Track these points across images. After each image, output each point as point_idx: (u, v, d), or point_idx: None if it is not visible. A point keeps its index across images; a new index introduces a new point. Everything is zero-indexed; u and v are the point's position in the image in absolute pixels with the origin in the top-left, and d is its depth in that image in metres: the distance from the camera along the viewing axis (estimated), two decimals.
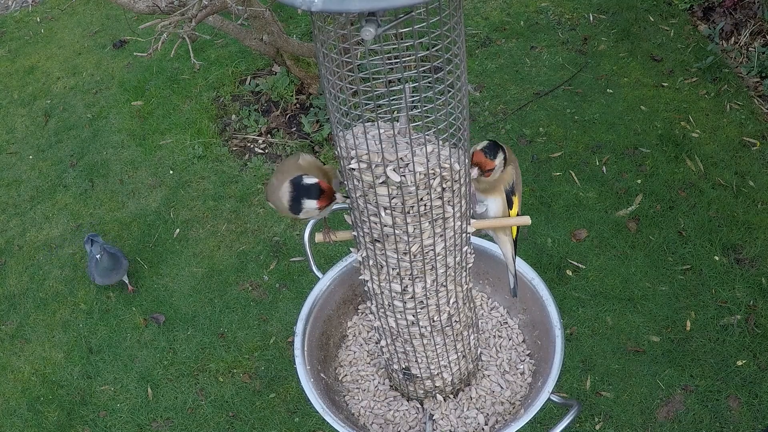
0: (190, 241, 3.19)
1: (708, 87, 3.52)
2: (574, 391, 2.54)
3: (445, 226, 1.12)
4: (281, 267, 3.02)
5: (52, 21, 4.69)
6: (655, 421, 2.45)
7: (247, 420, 2.61)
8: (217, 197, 3.35)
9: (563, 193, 3.13)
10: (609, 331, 2.68)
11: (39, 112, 4.01)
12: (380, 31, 0.85)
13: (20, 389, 2.82)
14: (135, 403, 2.71)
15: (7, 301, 3.12)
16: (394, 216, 1.09)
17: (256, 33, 3.29)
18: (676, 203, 3.04)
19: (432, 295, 1.20)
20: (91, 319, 2.98)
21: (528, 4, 4.15)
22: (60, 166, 3.66)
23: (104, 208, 3.41)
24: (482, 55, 3.85)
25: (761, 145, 3.23)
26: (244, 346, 2.80)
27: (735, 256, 2.84)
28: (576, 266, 2.87)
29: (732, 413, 2.44)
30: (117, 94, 4.01)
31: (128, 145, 3.70)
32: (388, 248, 1.13)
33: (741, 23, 3.75)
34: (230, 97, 3.83)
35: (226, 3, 2.57)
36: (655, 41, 3.81)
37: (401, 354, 1.32)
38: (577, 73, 3.68)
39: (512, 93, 3.62)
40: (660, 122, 3.38)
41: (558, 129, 3.41)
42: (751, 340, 2.60)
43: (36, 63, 4.36)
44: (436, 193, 1.07)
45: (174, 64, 4.06)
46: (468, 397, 1.40)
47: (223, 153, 3.55)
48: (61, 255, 3.24)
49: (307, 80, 3.68)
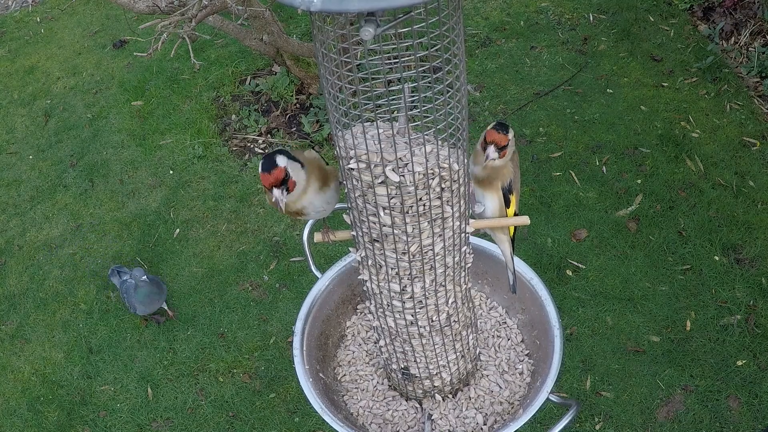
0: (190, 241, 3.19)
1: (708, 87, 3.52)
2: (574, 391, 2.54)
3: (444, 226, 1.12)
4: (281, 267, 3.02)
5: (52, 21, 4.69)
6: (655, 421, 2.45)
7: (247, 420, 2.61)
8: (217, 197, 3.35)
9: (563, 193, 3.13)
10: (609, 331, 2.68)
11: (39, 112, 4.01)
12: (379, 31, 0.85)
13: (20, 389, 2.82)
14: (135, 403, 2.71)
15: (7, 301, 3.12)
16: (393, 216, 1.09)
17: (256, 33, 3.29)
18: (676, 203, 3.04)
19: (431, 295, 1.20)
20: (91, 319, 2.98)
21: (528, 4, 4.15)
22: (60, 166, 3.66)
23: (104, 208, 3.41)
24: (482, 55, 3.85)
25: (761, 145, 3.23)
26: (244, 346, 2.80)
27: (735, 256, 2.84)
28: (576, 266, 2.87)
29: (732, 413, 2.44)
30: (117, 94, 4.01)
31: (128, 145, 3.70)
32: (387, 248, 1.13)
33: (741, 23, 3.74)
34: (230, 97, 3.83)
35: (226, 3, 2.57)
36: (655, 41, 3.81)
37: (400, 354, 1.32)
38: (577, 73, 3.68)
39: (512, 93, 3.62)
40: (660, 122, 3.38)
41: (558, 129, 3.40)
42: (751, 340, 2.60)
43: (36, 63, 4.36)
44: (435, 193, 1.07)
45: (174, 64, 4.06)
46: (467, 396, 1.40)
47: (223, 153, 3.55)
48: (61, 255, 3.24)
49: (307, 80, 3.68)
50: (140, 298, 2.76)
